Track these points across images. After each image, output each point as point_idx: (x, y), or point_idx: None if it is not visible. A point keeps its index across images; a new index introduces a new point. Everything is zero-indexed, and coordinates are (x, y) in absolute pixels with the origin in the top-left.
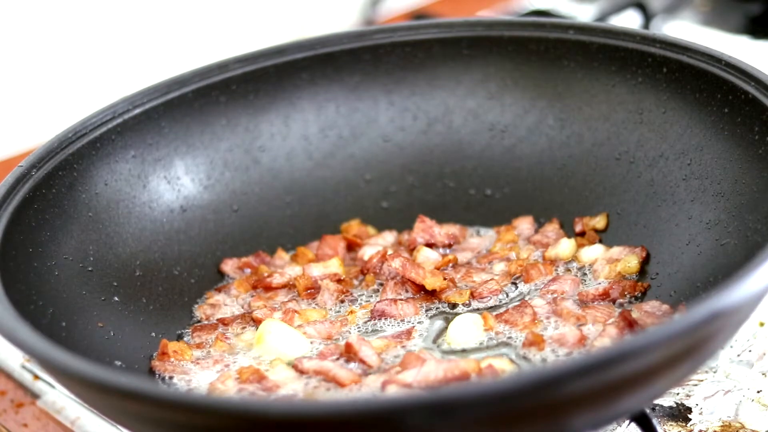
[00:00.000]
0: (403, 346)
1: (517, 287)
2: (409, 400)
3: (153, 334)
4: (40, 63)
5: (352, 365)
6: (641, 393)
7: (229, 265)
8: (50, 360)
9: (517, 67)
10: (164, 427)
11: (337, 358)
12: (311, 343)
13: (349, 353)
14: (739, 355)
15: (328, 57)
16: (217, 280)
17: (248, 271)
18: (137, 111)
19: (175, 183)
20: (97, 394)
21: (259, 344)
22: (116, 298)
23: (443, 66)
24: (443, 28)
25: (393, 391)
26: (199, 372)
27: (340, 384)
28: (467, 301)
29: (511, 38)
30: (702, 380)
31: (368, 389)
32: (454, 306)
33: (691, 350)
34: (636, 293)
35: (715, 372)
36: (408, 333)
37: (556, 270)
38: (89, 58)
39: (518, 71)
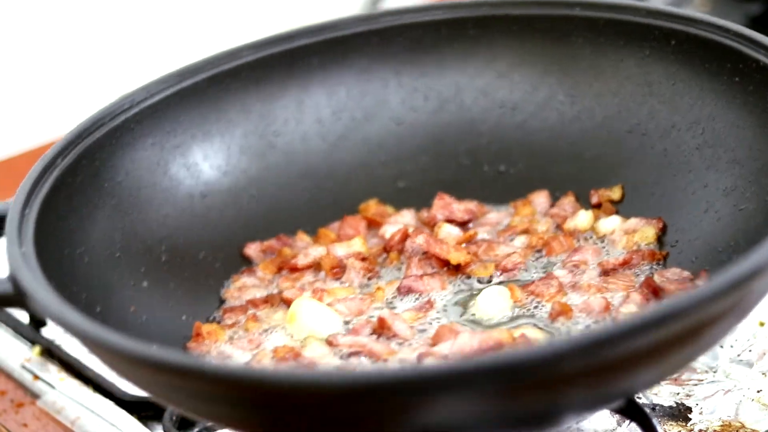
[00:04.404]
0: (430, 318)
1: (540, 260)
2: (482, 362)
3: (184, 317)
4: (61, 56)
5: (386, 340)
6: (691, 348)
7: (252, 249)
8: (109, 343)
9: (525, 45)
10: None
11: (370, 333)
12: (343, 319)
13: (382, 328)
14: (739, 355)
15: (337, 41)
16: (240, 263)
17: (272, 254)
18: (154, 99)
19: (194, 169)
20: (167, 377)
21: (292, 323)
22: (145, 284)
23: (451, 47)
24: (449, 9)
25: (431, 362)
26: (234, 352)
27: (376, 358)
28: (492, 275)
29: (517, 17)
30: (702, 380)
31: (405, 362)
32: (479, 280)
33: (739, 302)
34: (656, 261)
35: (715, 372)
36: (432, 305)
37: (576, 242)
38: (106, 50)
39: (526, 49)
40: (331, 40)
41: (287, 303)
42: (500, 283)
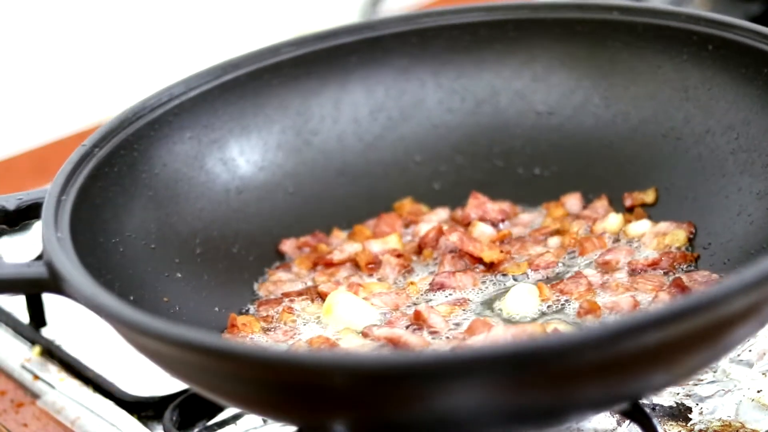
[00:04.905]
0: (464, 310)
1: (573, 259)
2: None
3: (216, 309)
4: (105, 47)
5: (421, 332)
6: (711, 350)
7: (287, 245)
8: (149, 327)
9: (563, 49)
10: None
11: (406, 326)
12: (379, 312)
13: (417, 320)
14: (739, 355)
15: (377, 40)
16: (274, 258)
17: (307, 250)
18: (193, 93)
19: (231, 164)
20: (211, 362)
21: (328, 315)
22: (179, 275)
23: (489, 48)
24: (489, 11)
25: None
26: (269, 343)
27: (412, 350)
28: (524, 273)
29: (556, 20)
30: (702, 380)
31: None
32: (514, 278)
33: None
34: (686, 263)
35: (715, 372)
36: (464, 301)
37: (610, 242)
38: (148, 41)
39: (564, 52)
40: (370, 40)
41: (322, 297)
42: (532, 281)
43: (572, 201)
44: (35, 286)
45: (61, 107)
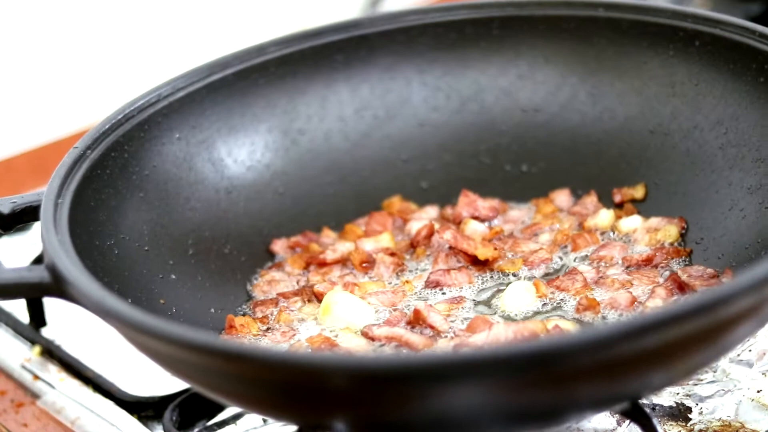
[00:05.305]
0: (462, 308)
1: (566, 255)
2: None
3: (212, 310)
4: (102, 47)
5: (420, 331)
6: (712, 350)
7: (278, 245)
8: (155, 328)
9: (548, 46)
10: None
11: (405, 325)
12: (376, 311)
13: (417, 319)
14: (739, 355)
15: (363, 39)
16: (266, 258)
17: (298, 250)
18: (181, 94)
19: (219, 164)
20: (227, 365)
21: (326, 314)
22: (173, 276)
23: (475, 46)
24: (475, 9)
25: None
26: (269, 344)
27: (413, 348)
28: (519, 270)
29: (541, 17)
30: (702, 380)
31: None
32: (505, 275)
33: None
34: (680, 258)
35: (715, 372)
36: (461, 299)
37: (602, 238)
38: (133, 43)
39: (549, 50)
40: (356, 38)
41: (318, 296)
42: (526, 278)
43: (561, 197)
44: (37, 291)
45: (59, 108)
